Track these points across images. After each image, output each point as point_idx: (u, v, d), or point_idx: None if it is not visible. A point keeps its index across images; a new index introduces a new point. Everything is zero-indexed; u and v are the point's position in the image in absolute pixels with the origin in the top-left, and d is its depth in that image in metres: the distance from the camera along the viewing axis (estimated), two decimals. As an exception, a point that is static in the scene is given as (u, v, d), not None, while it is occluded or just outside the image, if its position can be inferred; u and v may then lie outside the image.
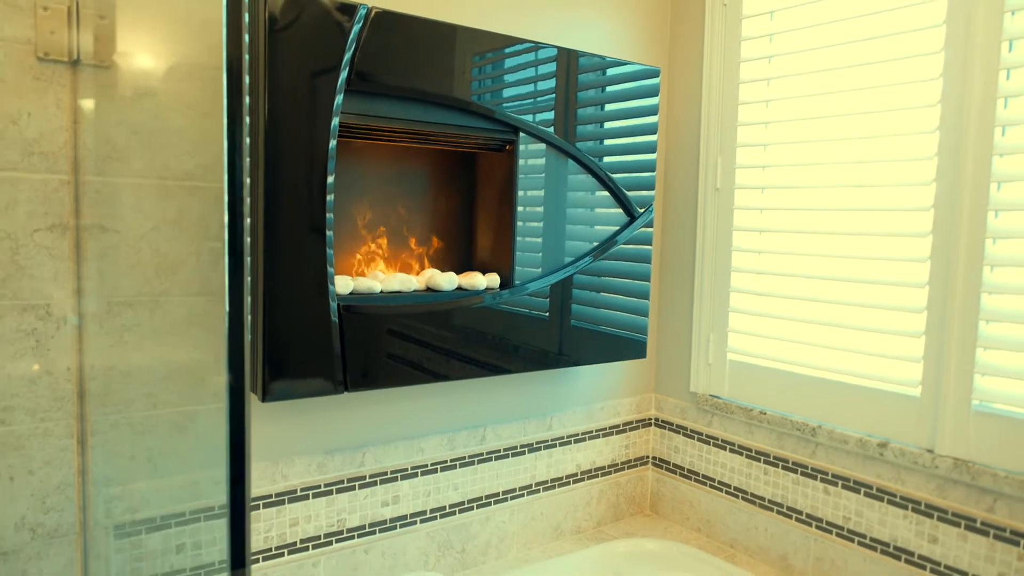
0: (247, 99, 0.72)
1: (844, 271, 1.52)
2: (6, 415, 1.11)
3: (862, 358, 1.50)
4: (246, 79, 0.72)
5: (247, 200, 0.89)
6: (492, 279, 1.46)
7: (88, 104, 1.13)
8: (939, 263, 1.37)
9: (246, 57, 0.71)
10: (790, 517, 1.63)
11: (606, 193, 1.61)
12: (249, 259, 0.95)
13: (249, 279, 0.92)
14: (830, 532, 1.55)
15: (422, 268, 1.50)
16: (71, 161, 1.14)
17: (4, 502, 1.13)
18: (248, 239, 0.79)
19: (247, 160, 0.70)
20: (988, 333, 1.31)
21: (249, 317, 0.89)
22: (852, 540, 1.51)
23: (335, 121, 1.23)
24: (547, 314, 1.52)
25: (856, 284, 1.50)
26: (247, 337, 0.74)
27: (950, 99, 1.35)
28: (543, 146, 1.49)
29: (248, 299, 0.84)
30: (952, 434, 1.35)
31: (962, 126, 1.33)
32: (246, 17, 0.78)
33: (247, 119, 0.86)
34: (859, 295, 1.50)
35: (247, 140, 0.86)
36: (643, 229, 1.67)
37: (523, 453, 1.71)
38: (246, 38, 0.76)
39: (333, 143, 1.23)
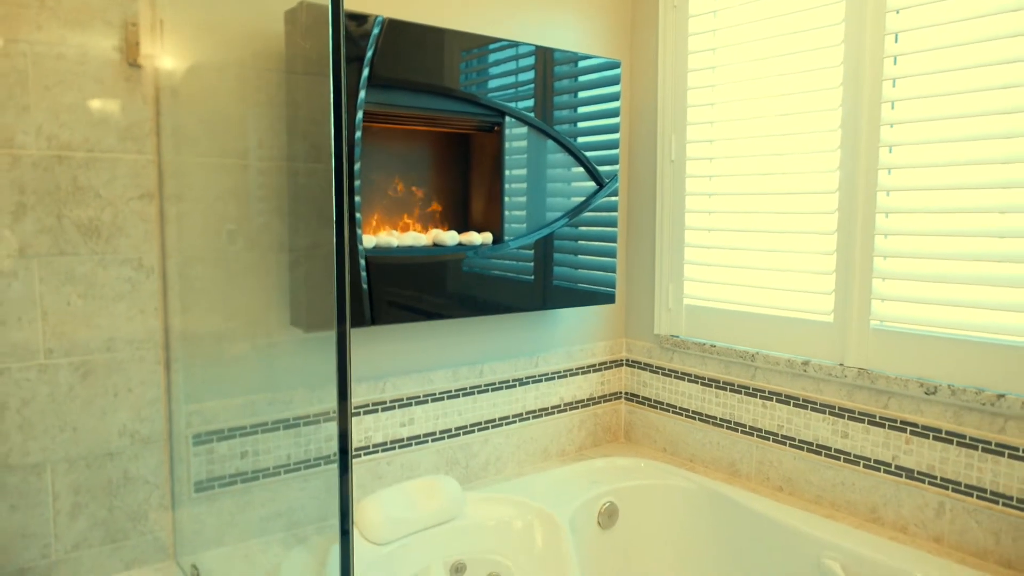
0: (340, 97, 0.97)
1: (772, 225, 1.85)
2: (112, 344, 1.43)
3: (788, 295, 1.84)
4: (343, 80, 1.00)
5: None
6: (486, 237, 1.78)
7: (167, 97, 1.44)
8: (844, 214, 1.70)
9: (343, 63, 1.00)
10: (736, 430, 1.97)
11: (579, 167, 1.93)
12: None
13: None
14: (768, 439, 1.89)
15: (428, 229, 1.82)
16: (154, 144, 1.44)
17: (111, 413, 1.44)
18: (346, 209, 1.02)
19: (344, 147, 0.95)
20: (881, 268, 1.65)
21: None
22: (785, 443, 1.86)
23: (359, 115, 1.54)
24: (531, 264, 1.84)
25: (781, 235, 1.83)
26: (347, 288, 0.98)
27: (848, 87, 1.68)
28: (525, 128, 1.81)
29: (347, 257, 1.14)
30: (856, 349, 1.70)
31: (857, 109, 1.66)
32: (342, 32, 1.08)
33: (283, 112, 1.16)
34: (783, 244, 1.83)
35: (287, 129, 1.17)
36: (609, 197, 1.99)
37: (514, 386, 2.03)
38: (340, 49, 1.07)
39: (359, 134, 1.54)
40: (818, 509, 1.76)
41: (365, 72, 1.53)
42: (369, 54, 1.54)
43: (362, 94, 1.53)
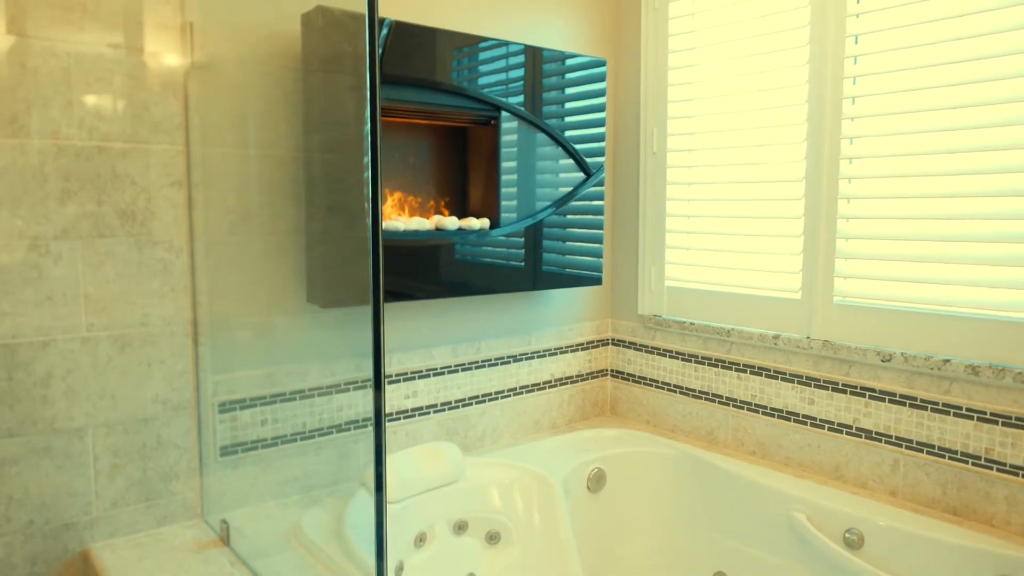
0: (376, 96, 1.08)
1: (745, 211, 2.02)
2: (146, 319, 1.56)
3: (759, 274, 2.01)
4: (377, 78, 1.13)
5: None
6: (483, 222, 1.93)
7: (195, 93, 1.57)
8: (810, 201, 1.87)
9: (367, 63, 1.13)
10: (714, 401, 2.14)
11: (568, 159, 2.09)
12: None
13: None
14: (742, 408, 2.06)
15: (430, 215, 1.96)
16: (183, 136, 1.58)
17: (145, 382, 1.57)
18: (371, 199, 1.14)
19: (379, 138, 1.08)
20: (843, 249, 1.82)
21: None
22: (758, 412, 2.03)
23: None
24: (524, 248, 1.99)
25: (753, 220, 2.00)
26: (381, 269, 1.10)
27: (813, 85, 1.84)
28: (518, 122, 1.96)
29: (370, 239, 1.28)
30: (821, 323, 1.87)
31: (821, 105, 1.83)
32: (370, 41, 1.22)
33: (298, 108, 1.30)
34: (755, 228, 2.00)
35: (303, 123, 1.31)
36: (596, 187, 2.15)
37: (509, 363, 2.19)
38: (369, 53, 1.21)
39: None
40: (787, 469, 1.93)
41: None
42: (379, 53, 1.68)
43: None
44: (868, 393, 1.78)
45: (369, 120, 1.02)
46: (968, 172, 1.60)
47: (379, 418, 1.16)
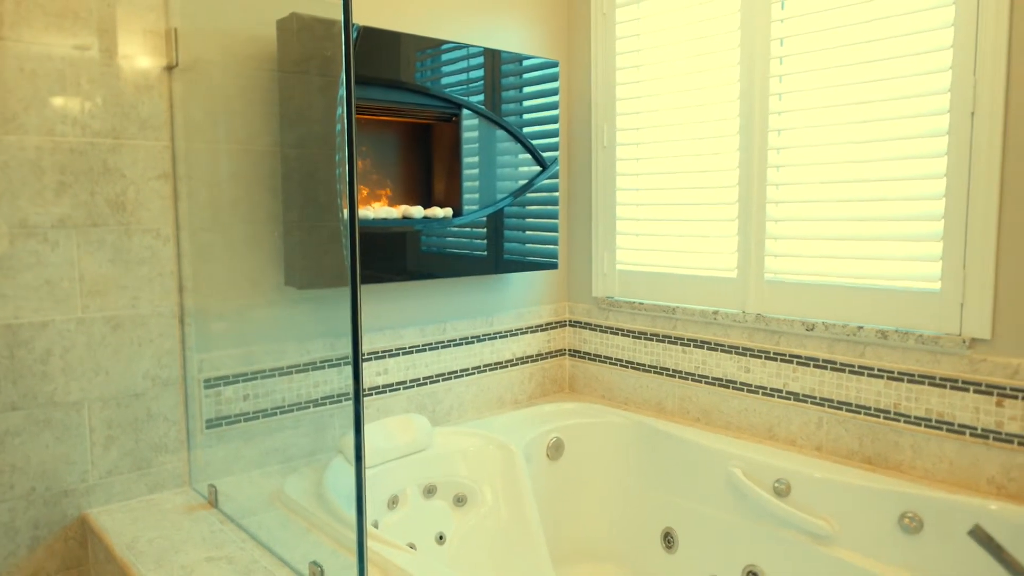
0: (351, 96, 1.23)
1: (686, 199, 2.21)
2: (136, 302, 1.69)
3: (700, 256, 2.20)
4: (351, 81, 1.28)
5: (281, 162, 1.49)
6: (447, 211, 2.09)
7: (179, 93, 1.71)
8: (743, 188, 2.07)
9: (352, 69, 1.28)
10: (662, 374, 2.33)
11: (525, 152, 2.26)
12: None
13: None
14: (687, 379, 2.26)
15: (397, 205, 2.12)
16: (169, 132, 1.71)
17: (136, 360, 1.71)
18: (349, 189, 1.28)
19: (353, 135, 1.22)
20: (772, 231, 2.02)
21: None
22: (700, 381, 2.22)
23: (341, 92, 1.83)
24: (486, 234, 2.16)
25: (693, 207, 2.19)
26: (357, 253, 1.25)
27: (744, 83, 2.04)
28: (479, 118, 2.13)
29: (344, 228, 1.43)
30: (754, 298, 2.07)
31: (751, 102, 2.03)
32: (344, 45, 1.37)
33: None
34: (695, 214, 2.19)
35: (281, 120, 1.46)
36: (551, 179, 2.32)
37: (473, 343, 2.35)
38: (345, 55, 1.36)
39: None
40: (728, 432, 2.13)
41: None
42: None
43: (341, 92, 1.83)
44: (795, 360, 1.98)
45: (345, 118, 1.17)
46: (878, 159, 1.80)
47: (357, 370, 1.31)
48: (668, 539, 2.14)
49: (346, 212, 1.83)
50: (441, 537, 1.96)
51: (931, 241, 1.72)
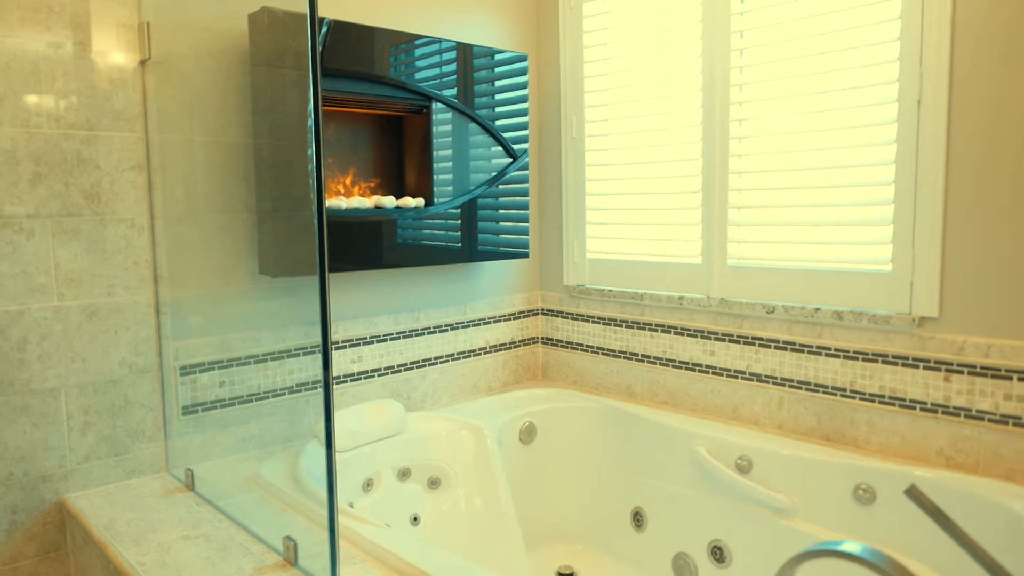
0: (318, 90, 1.28)
1: (652, 188, 2.27)
2: (112, 291, 1.73)
3: (665, 244, 2.26)
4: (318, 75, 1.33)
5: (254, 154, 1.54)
6: (419, 201, 2.14)
7: (152, 85, 1.75)
8: (706, 177, 2.13)
9: (319, 63, 1.33)
10: (631, 359, 2.39)
11: (496, 144, 2.31)
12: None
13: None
14: (655, 363, 2.32)
15: (370, 195, 2.16)
16: (143, 124, 1.75)
17: (112, 348, 1.74)
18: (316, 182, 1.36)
19: (320, 127, 1.27)
20: (735, 218, 2.09)
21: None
22: (668, 365, 2.28)
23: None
24: (458, 224, 2.21)
25: (659, 195, 2.26)
26: (325, 243, 1.29)
27: (706, 76, 2.11)
28: (449, 110, 2.18)
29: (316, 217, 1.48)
30: (718, 283, 2.13)
31: (712, 94, 2.09)
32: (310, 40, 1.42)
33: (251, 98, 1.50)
34: (661, 203, 2.25)
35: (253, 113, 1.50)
36: (521, 171, 2.38)
37: (447, 331, 2.40)
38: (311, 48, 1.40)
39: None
40: (694, 414, 2.19)
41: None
42: (319, 49, 1.87)
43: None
44: (757, 342, 2.05)
45: (312, 108, 1.22)
46: (833, 148, 1.87)
47: (326, 355, 1.36)
48: (637, 518, 2.20)
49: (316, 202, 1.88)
50: (415, 519, 2.01)
51: (882, 225, 1.80)
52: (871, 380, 1.84)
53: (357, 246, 2.00)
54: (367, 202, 2.04)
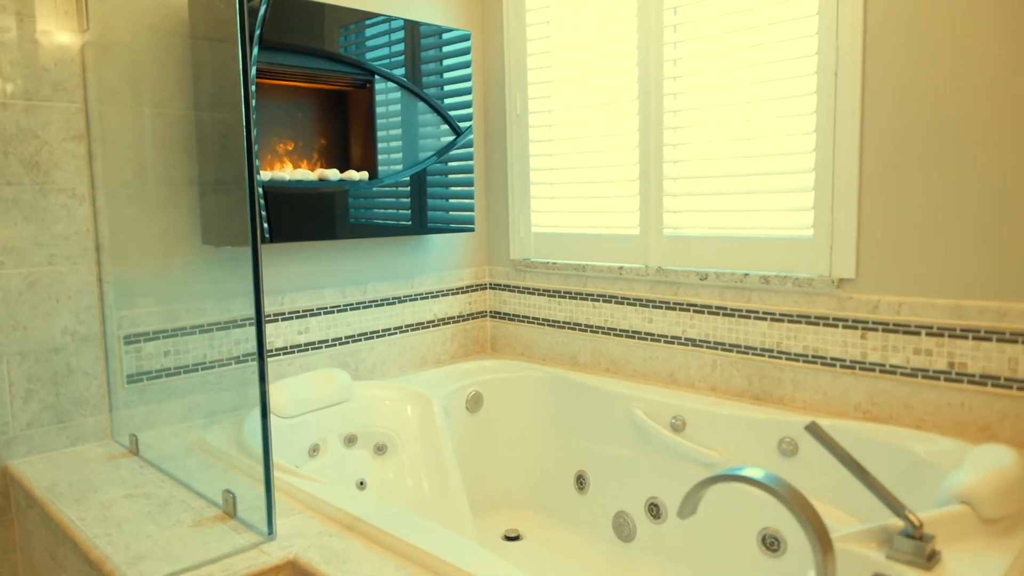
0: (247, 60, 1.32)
1: (593, 162, 2.34)
2: (53, 259, 1.75)
3: (604, 216, 2.33)
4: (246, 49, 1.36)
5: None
6: (363, 174, 2.18)
7: (92, 58, 1.76)
8: (643, 151, 2.21)
9: (248, 35, 1.36)
10: (575, 329, 2.46)
11: (440, 119, 2.36)
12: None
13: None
14: (597, 332, 2.39)
15: (315, 168, 2.20)
16: (82, 95, 1.76)
17: (54, 316, 1.76)
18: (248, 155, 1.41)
19: (253, 100, 1.32)
20: (669, 189, 2.17)
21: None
22: (610, 334, 2.36)
23: (253, 71, 1.90)
24: (401, 198, 2.26)
25: (599, 169, 2.33)
26: (259, 214, 1.33)
27: (641, 61, 2.17)
28: (394, 86, 2.22)
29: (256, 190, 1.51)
30: (655, 253, 2.21)
31: (647, 74, 2.16)
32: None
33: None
34: (601, 176, 2.32)
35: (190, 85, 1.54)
36: (465, 145, 2.43)
37: (394, 303, 2.45)
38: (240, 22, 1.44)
39: (253, 87, 1.91)
40: (635, 379, 2.27)
41: (256, 36, 1.90)
42: (259, 23, 1.90)
43: (255, 51, 1.90)
44: (692, 308, 2.14)
45: (241, 75, 1.25)
46: (760, 119, 1.95)
47: (260, 328, 1.40)
48: (580, 481, 2.28)
49: (260, 173, 1.91)
50: (362, 484, 2.06)
51: (804, 192, 1.88)
52: (796, 340, 1.93)
53: (303, 217, 2.04)
54: (311, 174, 2.07)
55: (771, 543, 1.81)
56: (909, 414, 1.75)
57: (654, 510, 2.07)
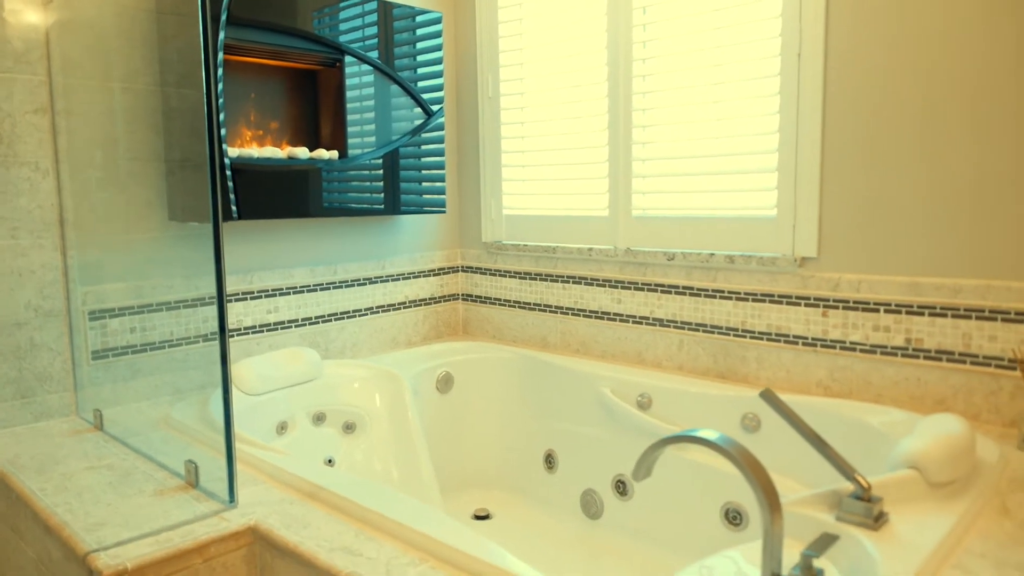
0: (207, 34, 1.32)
1: (563, 145, 2.35)
2: (16, 233, 1.73)
3: (574, 198, 2.35)
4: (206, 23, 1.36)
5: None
6: (332, 153, 2.18)
7: (55, 30, 1.75)
8: (612, 134, 2.22)
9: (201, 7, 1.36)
10: (545, 311, 2.48)
11: (410, 100, 2.36)
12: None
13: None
14: (567, 313, 2.41)
15: (284, 146, 2.19)
16: (46, 67, 1.75)
17: (17, 290, 1.75)
18: (212, 127, 1.41)
19: (219, 71, 1.33)
20: (637, 171, 2.19)
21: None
22: (579, 315, 2.38)
23: (222, 35, 1.89)
24: (372, 178, 2.26)
25: (569, 151, 2.34)
26: (220, 191, 1.33)
27: (611, 37, 2.19)
28: (362, 64, 2.22)
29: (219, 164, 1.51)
30: (624, 234, 2.23)
31: (616, 62, 2.18)
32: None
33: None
34: (570, 159, 2.34)
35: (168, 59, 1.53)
36: (436, 128, 2.43)
37: (365, 284, 2.45)
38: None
39: (221, 55, 1.90)
40: (604, 360, 2.29)
41: (224, 13, 1.89)
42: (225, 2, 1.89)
43: (222, 35, 1.89)
44: (660, 288, 2.16)
45: (202, 52, 1.25)
46: (725, 100, 1.98)
47: (221, 297, 1.40)
48: (549, 460, 2.30)
49: (225, 149, 1.90)
50: (330, 461, 2.06)
51: (768, 173, 1.91)
52: (760, 319, 1.96)
53: (272, 195, 2.03)
54: (280, 152, 2.07)
55: (734, 517, 1.84)
56: (868, 389, 1.78)
57: (621, 487, 2.09)
